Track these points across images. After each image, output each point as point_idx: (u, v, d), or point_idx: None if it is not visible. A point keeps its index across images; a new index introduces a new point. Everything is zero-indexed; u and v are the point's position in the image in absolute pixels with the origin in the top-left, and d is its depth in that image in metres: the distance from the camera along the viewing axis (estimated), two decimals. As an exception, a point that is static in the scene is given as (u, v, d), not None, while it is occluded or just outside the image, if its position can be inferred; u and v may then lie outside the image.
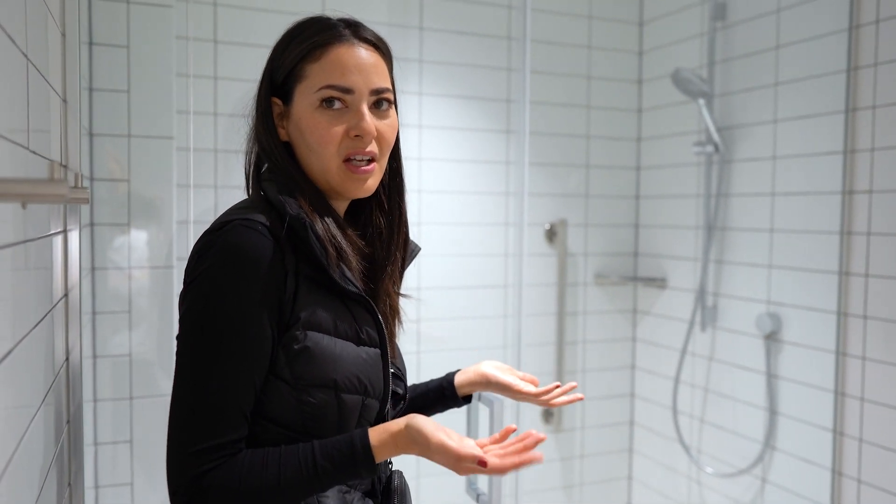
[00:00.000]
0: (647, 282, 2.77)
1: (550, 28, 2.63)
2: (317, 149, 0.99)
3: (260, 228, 0.92)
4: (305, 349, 0.93)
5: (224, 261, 0.90)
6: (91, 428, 1.76)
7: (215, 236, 0.92)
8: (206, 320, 0.90)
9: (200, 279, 0.91)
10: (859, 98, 1.96)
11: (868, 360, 1.93)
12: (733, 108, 2.42)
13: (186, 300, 0.93)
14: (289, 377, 0.93)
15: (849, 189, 1.99)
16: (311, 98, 0.99)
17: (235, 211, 0.97)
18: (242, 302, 0.90)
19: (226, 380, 0.89)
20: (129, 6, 1.78)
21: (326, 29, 1.01)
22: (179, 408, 0.90)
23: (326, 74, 0.98)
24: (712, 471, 2.48)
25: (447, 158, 2.50)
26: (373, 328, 1.01)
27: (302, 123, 1.00)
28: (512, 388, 1.21)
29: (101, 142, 1.78)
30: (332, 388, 0.94)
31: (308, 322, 0.94)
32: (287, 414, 0.94)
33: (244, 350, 0.90)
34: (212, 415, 0.88)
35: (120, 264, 1.80)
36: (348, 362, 0.96)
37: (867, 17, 1.93)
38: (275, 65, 1.04)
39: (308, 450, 0.91)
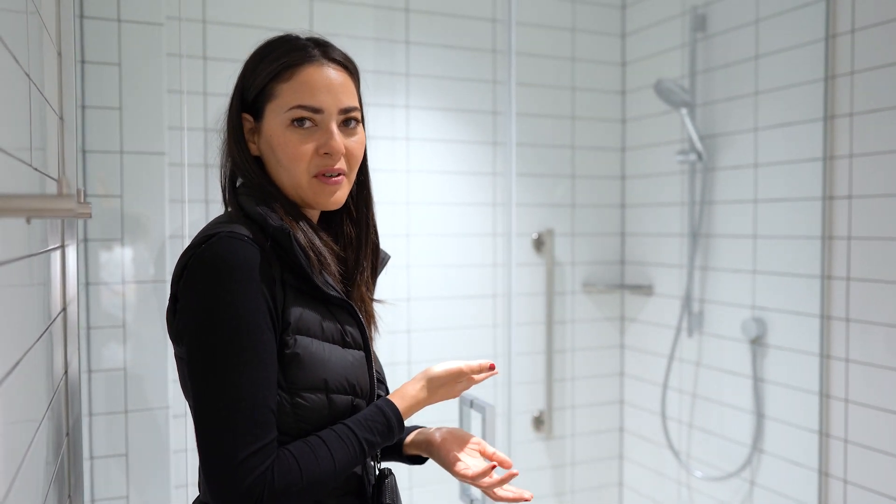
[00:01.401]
0: (633, 289, 2.81)
1: (535, 41, 2.68)
2: (287, 165, 1.03)
3: (245, 239, 0.95)
4: (296, 354, 0.96)
5: (219, 272, 0.92)
6: (86, 442, 1.77)
7: (202, 250, 0.94)
8: (217, 332, 0.91)
9: (197, 294, 0.93)
10: (837, 106, 2.01)
11: (851, 361, 1.98)
12: (715, 117, 2.47)
13: (185, 316, 0.94)
14: (282, 382, 0.96)
15: (829, 195, 2.04)
16: (281, 117, 1.02)
17: (216, 225, 0.99)
18: (246, 307, 0.91)
19: (252, 384, 0.90)
20: (120, 24, 1.80)
21: (296, 49, 1.04)
22: (213, 422, 0.89)
23: (296, 94, 1.02)
24: (701, 475, 2.52)
25: (435, 170, 2.53)
26: (356, 330, 1.05)
27: (273, 141, 1.03)
28: (451, 468, 1.10)
29: (93, 158, 1.79)
30: (323, 390, 0.98)
31: (297, 327, 0.97)
32: (285, 420, 0.96)
33: (260, 351, 0.92)
34: (249, 420, 0.89)
35: (113, 279, 1.81)
36: (337, 364, 1.00)
37: (843, 27, 1.99)
38: (246, 82, 1.07)
39: (346, 431, 0.97)
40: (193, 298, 0.93)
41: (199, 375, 0.91)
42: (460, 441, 1.12)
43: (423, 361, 2.47)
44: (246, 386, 0.90)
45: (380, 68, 2.41)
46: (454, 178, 2.56)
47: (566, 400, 2.82)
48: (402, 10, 2.44)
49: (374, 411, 1.01)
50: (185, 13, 2.08)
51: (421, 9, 2.47)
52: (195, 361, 0.92)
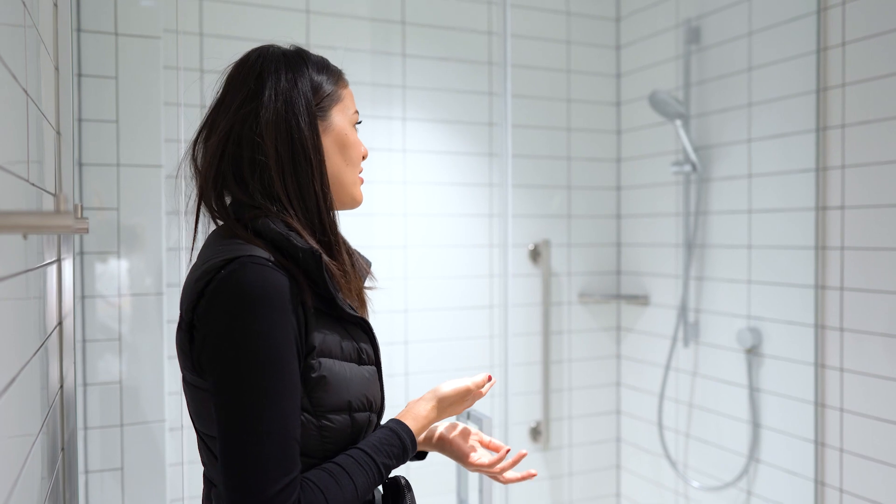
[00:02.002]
0: (629, 299, 2.82)
1: (530, 53, 2.70)
2: (355, 163, 1.09)
3: (270, 265, 0.92)
4: (322, 377, 0.95)
5: (247, 301, 0.89)
6: (82, 456, 1.76)
7: (223, 276, 0.91)
8: (249, 364, 0.88)
9: (224, 324, 0.89)
10: (829, 117, 2.03)
11: (846, 371, 1.98)
12: (709, 129, 2.49)
13: (214, 350, 0.90)
14: (308, 406, 0.95)
15: (822, 205, 2.05)
16: (350, 117, 1.08)
17: (231, 248, 0.95)
18: (277, 339, 0.89)
19: (282, 417, 0.89)
20: (117, 38, 1.81)
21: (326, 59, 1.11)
22: (242, 456, 0.87)
23: (352, 101, 1.10)
24: (699, 485, 2.52)
25: (431, 182, 2.54)
26: (369, 346, 1.05)
27: (348, 139, 1.07)
28: (465, 460, 1.18)
29: (90, 171, 1.80)
30: (347, 410, 0.98)
31: (321, 350, 0.96)
32: (307, 441, 0.95)
33: (288, 384, 0.90)
34: (278, 455, 0.87)
35: (109, 292, 1.81)
36: (356, 383, 0.99)
37: (834, 40, 2.01)
38: (315, 81, 1.05)
39: (364, 457, 0.97)
40: (221, 329, 0.89)
41: (229, 408, 0.88)
42: (465, 434, 1.20)
43: (420, 373, 2.47)
44: (276, 420, 0.88)
45: (377, 80, 2.42)
46: (451, 190, 2.57)
47: (563, 410, 2.82)
48: (398, 23, 2.46)
49: (388, 434, 1.00)
50: (182, 26, 2.09)
51: (417, 21, 2.49)
52: (224, 394, 0.89)
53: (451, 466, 1.96)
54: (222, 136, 1.01)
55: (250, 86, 1.02)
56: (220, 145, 1.01)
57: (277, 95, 1.01)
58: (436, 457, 1.23)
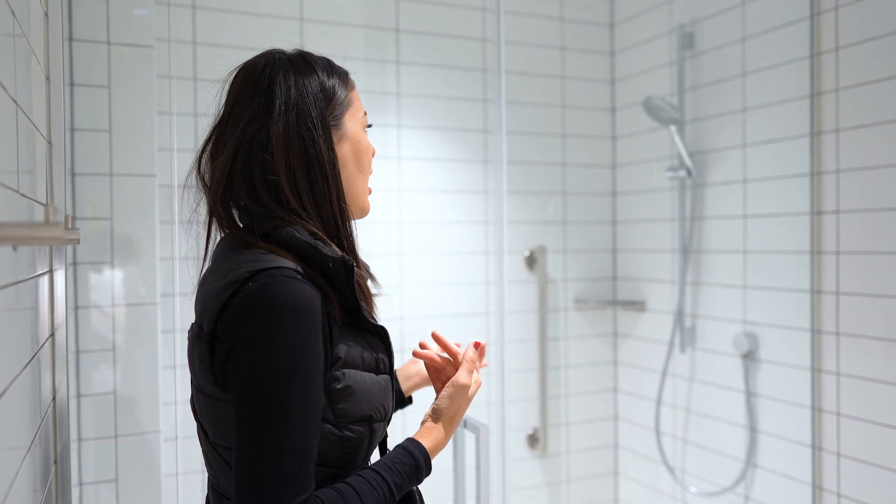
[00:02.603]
0: (626, 305, 2.81)
1: (524, 59, 2.70)
2: (367, 168, 1.06)
3: (300, 278, 0.91)
4: (347, 387, 0.94)
5: (280, 318, 0.87)
6: (75, 468, 1.75)
7: (252, 289, 0.88)
8: (276, 379, 0.86)
9: (256, 340, 0.87)
10: (823, 122, 2.03)
11: (842, 375, 1.98)
12: (704, 134, 2.49)
13: (242, 362, 0.88)
14: (331, 417, 0.94)
15: (817, 210, 2.05)
16: (361, 121, 1.07)
17: (253, 257, 0.93)
18: (306, 354, 0.88)
19: (303, 434, 0.87)
20: (109, 47, 1.80)
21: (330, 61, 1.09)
22: (259, 470, 0.86)
23: (360, 102, 1.09)
24: (696, 490, 2.51)
25: (427, 189, 2.54)
26: (385, 355, 1.03)
27: (360, 146, 1.05)
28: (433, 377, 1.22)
29: (83, 181, 1.79)
30: (368, 421, 0.97)
31: (346, 361, 0.95)
32: (329, 452, 0.94)
33: (313, 400, 0.89)
34: (296, 472, 0.86)
35: (103, 302, 1.80)
36: (376, 393, 0.99)
37: (827, 45, 2.01)
38: (328, 89, 1.02)
39: (375, 476, 0.95)
40: (249, 341, 0.87)
41: (252, 421, 0.87)
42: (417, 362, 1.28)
43: (416, 380, 2.46)
44: (298, 437, 0.87)
45: (371, 88, 2.42)
46: (446, 197, 2.57)
47: (560, 417, 2.81)
48: (392, 31, 2.46)
49: (401, 453, 0.99)
50: (175, 35, 2.09)
51: (411, 29, 2.49)
52: (248, 406, 0.87)
53: (448, 474, 1.95)
54: (231, 152, 0.98)
55: (260, 98, 0.98)
56: (230, 162, 0.98)
57: (289, 109, 0.97)
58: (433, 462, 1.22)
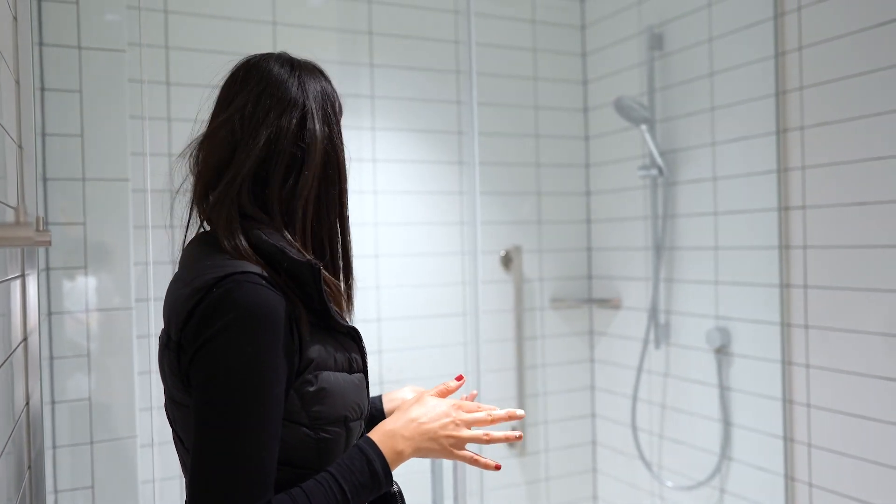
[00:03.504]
0: (601, 303, 2.85)
1: (497, 61, 2.72)
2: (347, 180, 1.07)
3: (264, 283, 0.91)
4: (321, 389, 0.94)
5: (241, 323, 0.87)
6: (50, 475, 1.73)
7: (218, 295, 0.89)
8: (233, 388, 0.86)
9: (216, 345, 0.87)
10: (788, 120, 2.08)
11: (811, 367, 2.02)
12: (674, 133, 2.53)
13: (202, 367, 0.88)
14: (305, 420, 0.94)
15: (784, 205, 2.09)
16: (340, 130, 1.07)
17: (221, 265, 0.92)
18: (268, 362, 0.88)
19: (260, 442, 0.87)
20: (80, 51, 1.79)
21: None
22: (212, 476, 0.85)
23: None
24: (673, 485, 2.54)
25: (401, 191, 2.55)
26: (358, 354, 1.04)
27: (341, 158, 1.05)
28: None
29: (55, 186, 1.78)
30: (343, 422, 0.97)
31: (318, 364, 0.95)
32: (305, 454, 0.95)
33: (270, 411, 0.88)
34: (251, 479, 0.86)
35: (77, 308, 1.79)
36: (350, 393, 0.99)
37: (791, 45, 2.06)
38: (332, 96, 1.07)
39: (328, 478, 0.92)
40: (210, 347, 0.87)
41: (209, 426, 0.87)
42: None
43: (394, 382, 2.47)
44: (254, 443, 0.86)
45: (345, 91, 2.41)
46: (421, 198, 2.58)
47: (538, 415, 2.83)
48: (365, 34, 2.47)
49: (356, 456, 0.96)
50: (147, 39, 2.08)
51: (384, 32, 2.50)
52: (206, 412, 0.87)
53: (426, 474, 1.96)
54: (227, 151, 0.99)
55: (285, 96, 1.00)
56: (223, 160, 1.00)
57: (316, 114, 1.01)
58: (410, 464, 1.22)
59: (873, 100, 1.84)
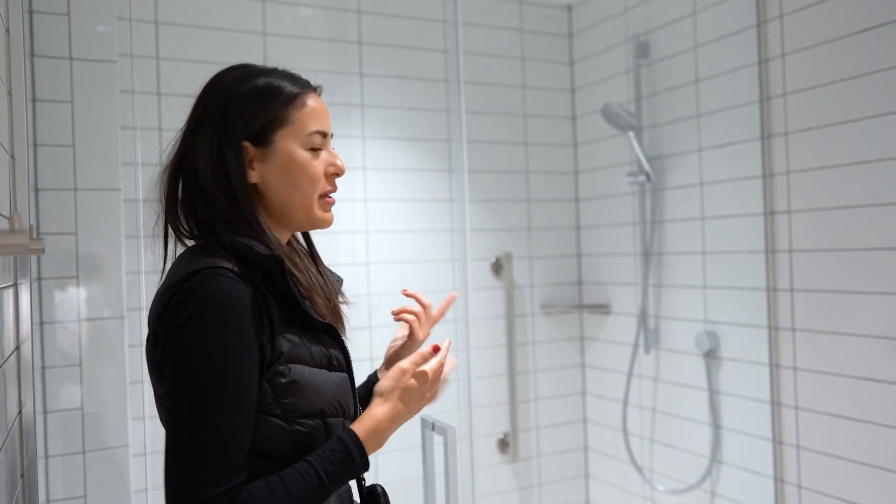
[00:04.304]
0: (591, 309, 2.87)
1: (486, 70, 2.75)
2: (305, 186, 1.06)
3: (232, 276, 0.95)
4: (292, 381, 0.97)
5: (207, 311, 0.92)
6: (43, 485, 1.73)
7: (188, 287, 0.93)
8: (201, 373, 0.90)
9: (184, 332, 0.91)
10: (773, 125, 2.11)
11: (799, 370, 2.05)
12: (661, 139, 2.56)
13: (171, 355, 0.93)
14: (278, 411, 0.96)
15: (770, 210, 2.12)
16: (301, 140, 1.06)
17: (196, 260, 0.97)
18: (232, 351, 0.92)
19: (227, 426, 0.90)
20: (72, 62, 1.80)
21: (294, 78, 1.10)
22: (183, 459, 0.89)
23: (313, 120, 1.07)
24: (664, 488, 2.56)
25: (392, 199, 2.56)
26: (339, 353, 1.07)
27: (292, 164, 1.06)
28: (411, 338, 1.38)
29: (47, 196, 1.79)
30: (320, 416, 0.99)
31: (290, 356, 0.98)
32: (279, 447, 0.97)
33: (239, 397, 0.92)
34: (217, 462, 0.89)
35: (69, 317, 1.80)
36: (329, 388, 1.01)
37: (774, 52, 2.09)
38: (245, 110, 1.06)
39: (305, 465, 0.95)
40: (179, 336, 0.92)
41: (177, 412, 0.91)
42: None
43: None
44: (223, 428, 0.90)
45: (335, 100, 2.44)
46: (412, 206, 2.60)
47: (530, 421, 2.84)
48: (355, 43, 2.49)
49: (333, 441, 0.99)
50: (138, 50, 2.09)
51: (373, 41, 2.53)
52: (176, 399, 0.91)
53: (418, 480, 1.97)
54: (175, 165, 1.09)
55: (197, 113, 1.08)
56: (175, 173, 1.09)
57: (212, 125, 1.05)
58: (402, 470, 1.24)
59: (856, 105, 1.87)
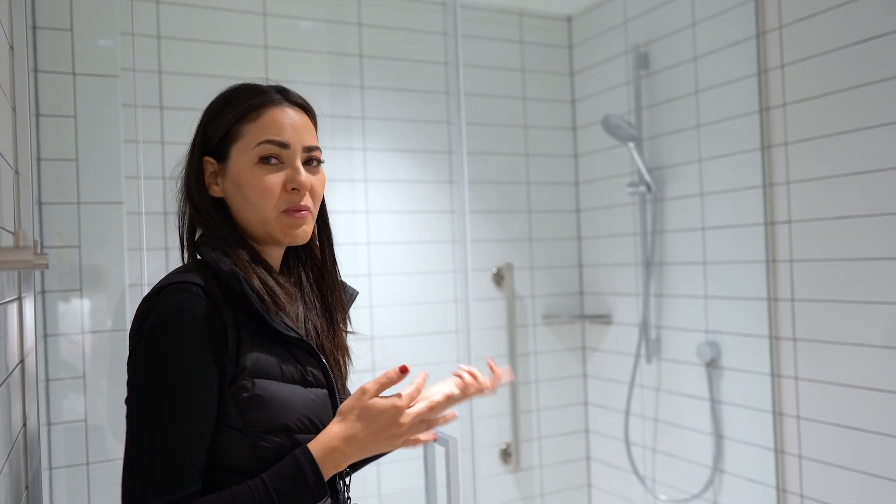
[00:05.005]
0: (593, 319, 2.87)
1: (486, 82, 2.77)
2: (256, 202, 1.05)
3: (194, 290, 0.97)
4: (255, 396, 0.97)
5: (161, 324, 0.94)
6: (47, 496, 1.74)
7: (152, 302, 0.96)
8: (151, 383, 0.93)
9: (141, 344, 0.95)
10: (773, 136, 2.12)
11: (800, 379, 2.05)
12: (661, 150, 2.57)
13: (131, 366, 0.97)
14: (241, 426, 0.97)
15: (770, 220, 2.13)
16: (249, 154, 1.05)
17: (171, 276, 1.01)
18: (182, 362, 0.94)
19: (174, 438, 0.92)
20: (75, 77, 1.82)
21: (260, 93, 1.09)
22: (132, 468, 0.91)
23: (264, 131, 1.05)
24: (666, 498, 2.55)
25: (393, 210, 2.58)
26: (318, 369, 1.06)
27: (241, 178, 1.05)
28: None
29: (50, 210, 1.80)
30: (285, 431, 0.99)
31: (254, 370, 0.98)
32: (244, 461, 0.97)
33: (189, 408, 0.93)
34: (164, 472, 0.91)
35: (72, 330, 1.81)
36: (298, 404, 1.01)
37: (773, 63, 2.10)
38: (209, 126, 1.09)
39: (257, 480, 0.94)
40: (138, 349, 0.95)
41: (129, 423, 0.94)
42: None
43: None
44: (167, 439, 0.91)
45: (336, 112, 2.46)
46: (413, 217, 2.61)
47: (532, 431, 2.84)
48: (356, 56, 2.51)
49: (287, 457, 0.97)
50: (140, 65, 2.11)
51: (374, 54, 2.54)
52: (130, 408, 0.94)
53: (420, 491, 1.97)
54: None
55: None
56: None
57: (191, 142, 1.11)
58: (405, 480, 1.23)
59: (856, 115, 1.88)
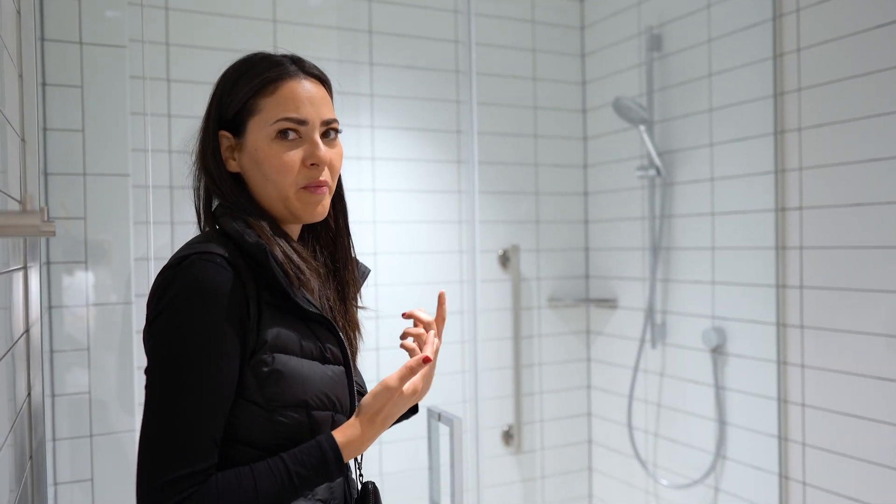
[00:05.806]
0: (598, 303, 2.86)
1: (497, 61, 2.73)
2: (275, 178, 1.03)
3: (218, 261, 0.95)
4: (275, 371, 0.96)
5: (185, 295, 0.92)
6: (50, 467, 1.74)
7: (175, 272, 0.94)
8: (172, 354, 0.92)
9: (164, 314, 0.93)
10: (786, 121, 2.09)
11: (807, 367, 2.04)
12: (672, 134, 2.54)
13: (152, 336, 0.95)
14: (260, 400, 0.96)
15: (781, 206, 2.11)
16: (267, 130, 1.03)
17: (192, 245, 0.99)
18: (205, 334, 0.92)
19: (194, 410, 0.91)
20: (82, 47, 1.80)
21: (276, 65, 1.06)
22: (149, 440, 0.90)
23: (281, 107, 1.03)
24: (668, 483, 2.56)
25: (401, 189, 2.56)
26: (335, 346, 1.05)
27: (259, 154, 1.03)
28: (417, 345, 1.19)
29: (56, 181, 1.79)
30: (304, 407, 0.98)
31: (274, 345, 0.97)
32: (261, 435, 0.96)
33: (210, 380, 0.92)
34: (182, 444, 0.89)
35: (77, 302, 1.80)
36: (316, 381, 1.00)
37: (789, 47, 2.07)
38: (224, 100, 1.07)
39: (278, 461, 0.94)
40: (160, 319, 0.93)
41: (150, 393, 0.92)
42: None
43: (391, 379, 2.47)
44: (186, 411, 0.90)
45: (344, 89, 2.42)
46: (420, 197, 2.59)
47: (535, 414, 2.84)
48: (365, 32, 2.48)
49: (311, 444, 0.97)
50: (148, 36, 2.09)
51: (384, 31, 2.51)
52: (150, 379, 0.93)
53: (423, 471, 1.97)
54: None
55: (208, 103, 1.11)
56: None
57: (205, 114, 1.10)
58: (408, 461, 1.23)
59: (871, 102, 1.85)
